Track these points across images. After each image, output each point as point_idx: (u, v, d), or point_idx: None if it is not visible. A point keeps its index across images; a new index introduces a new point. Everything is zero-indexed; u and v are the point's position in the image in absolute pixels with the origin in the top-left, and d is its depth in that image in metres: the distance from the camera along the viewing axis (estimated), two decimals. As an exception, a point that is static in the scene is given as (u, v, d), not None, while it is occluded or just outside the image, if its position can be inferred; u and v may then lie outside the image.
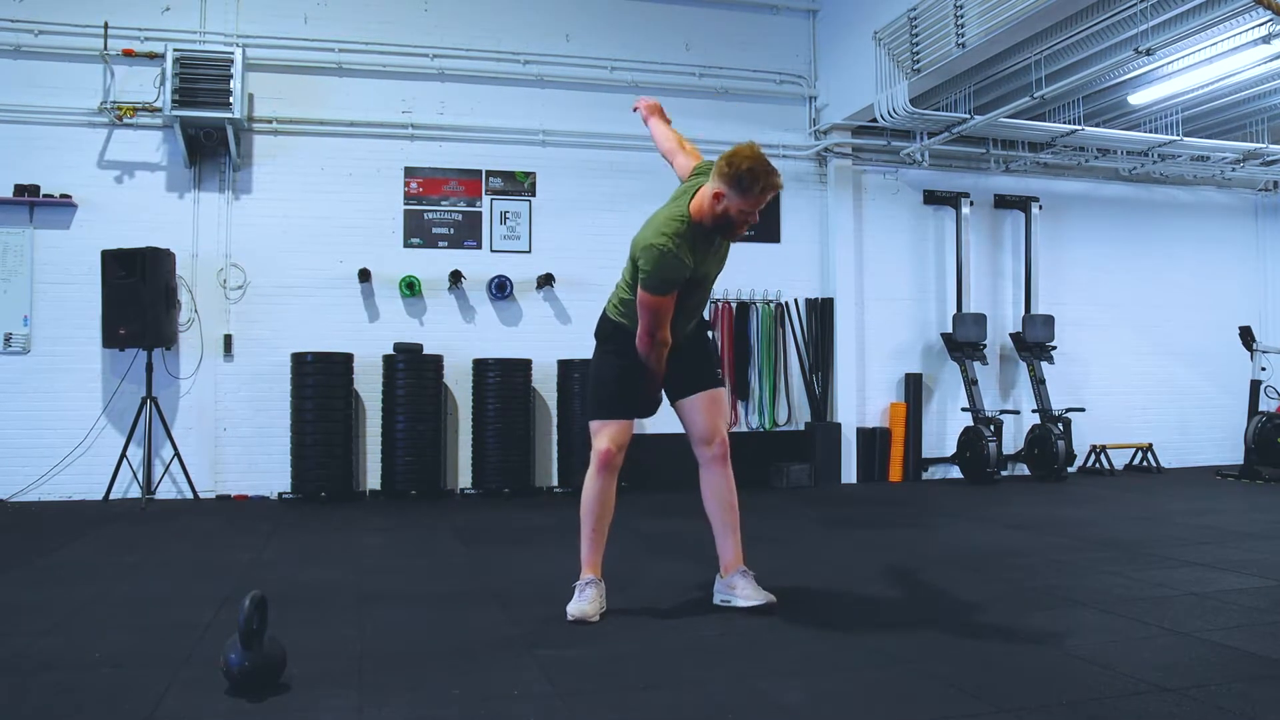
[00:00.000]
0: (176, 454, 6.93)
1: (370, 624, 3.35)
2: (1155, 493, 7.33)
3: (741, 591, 3.46)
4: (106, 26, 7.00)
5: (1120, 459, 8.95)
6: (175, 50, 6.81)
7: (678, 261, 3.19)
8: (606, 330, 3.57)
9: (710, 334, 3.82)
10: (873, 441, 8.31)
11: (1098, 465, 8.76)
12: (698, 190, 3.29)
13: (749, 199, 3.13)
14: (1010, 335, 8.82)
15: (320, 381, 6.94)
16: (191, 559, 4.72)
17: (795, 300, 8.39)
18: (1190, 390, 9.42)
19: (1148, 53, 6.27)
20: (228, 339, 7.22)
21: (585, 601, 3.35)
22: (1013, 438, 8.67)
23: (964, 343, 8.36)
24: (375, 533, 5.60)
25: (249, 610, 2.52)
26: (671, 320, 3.35)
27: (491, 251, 7.75)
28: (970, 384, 8.26)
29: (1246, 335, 8.43)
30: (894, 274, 8.66)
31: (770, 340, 8.29)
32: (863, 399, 8.45)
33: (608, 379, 3.51)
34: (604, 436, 3.45)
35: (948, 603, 3.68)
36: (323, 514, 6.37)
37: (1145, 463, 8.92)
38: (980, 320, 8.45)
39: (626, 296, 3.45)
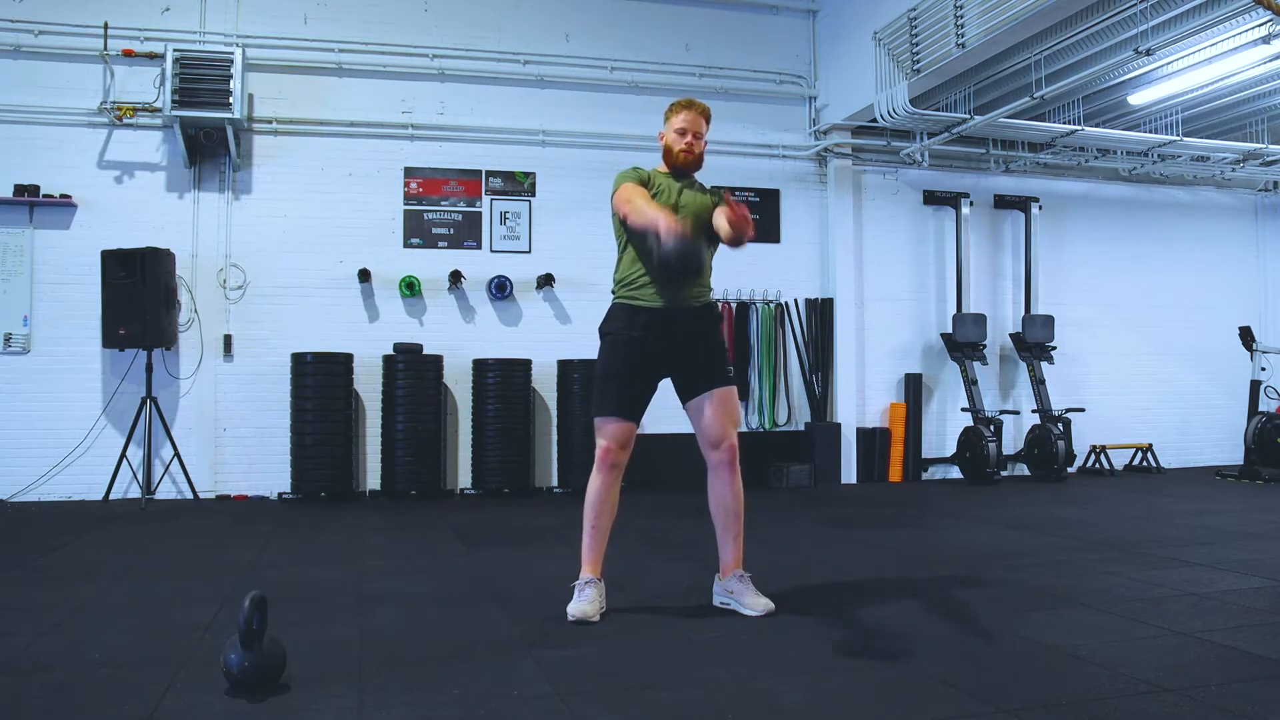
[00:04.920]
0: (176, 454, 6.93)
1: (370, 624, 3.35)
2: (1155, 493, 7.33)
3: (741, 598, 3.46)
4: (106, 26, 7.00)
5: (1120, 459, 8.95)
6: (175, 50, 6.81)
7: (631, 170, 3.55)
8: (608, 321, 3.55)
9: (719, 326, 3.79)
10: (873, 441, 8.31)
11: (1098, 465, 8.76)
12: None
13: (674, 118, 3.58)
14: (1010, 335, 8.82)
15: (320, 381, 6.93)
16: (191, 559, 4.72)
17: (795, 300, 8.39)
18: (1190, 390, 9.42)
19: (1148, 53, 6.28)
20: (228, 339, 7.22)
21: (585, 601, 3.35)
22: (1013, 438, 8.67)
23: (964, 343, 8.36)
24: (375, 533, 5.60)
25: (249, 610, 2.52)
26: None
27: (491, 252, 7.75)
28: (970, 384, 8.27)
29: (1246, 335, 8.43)
30: (894, 274, 8.66)
31: (770, 340, 8.30)
32: (863, 399, 8.45)
33: (608, 374, 3.48)
34: (604, 434, 3.44)
35: (948, 602, 3.68)
36: (323, 514, 6.37)
37: (1145, 463, 8.93)
38: (980, 320, 8.45)
39: (620, 269, 3.58)
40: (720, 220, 3.40)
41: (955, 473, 8.50)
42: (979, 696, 2.54)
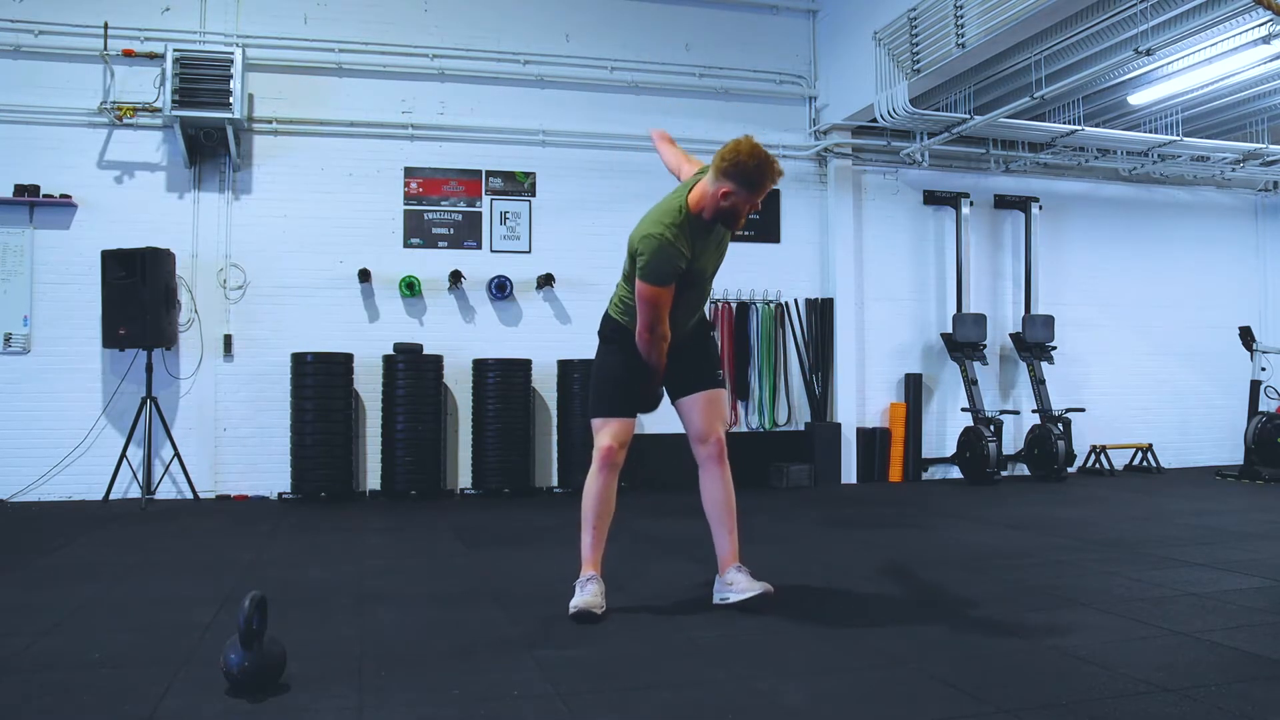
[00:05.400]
0: (176, 454, 6.92)
1: (370, 624, 3.35)
2: (1155, 493, 7.33)
3: (737, 585, 3.47)
4: (106, 26, 7.00)
5: (1120, 459, 8.95)
6: (175, 50, 6.81)
7: (675, 250, 3.24)
8: (609, 329, 3.59)
9: (711, 334, 3.83)
10: (873, 441, 8.31)
11: (1098, 465, 8.76)
12: (695, 185, 3.35)
13: (757, 193, 3.26)
14: (1010, 335, 8.82)
15: (320, 381, 6.93)
16: (191, 559, 4.72)
17: (795, 300, 8.39)
18: (1190, 390, 9.42)
19: (1148, 53, 6.28)
20: (228, 339, 7.22)
21: (588, 594, 3.36)
22: (1013, 438, 8.67)
23: (964, 343, 8.36)
24: (375, 533, 5.60)
25: (249, 610, 2.52)
26: (671, 315, 3.37)
27: (491, 252, 7.75)
28: (970, 384, 8.26)
29: (1246, 335, 8.43)
30: (894, 274, 8.66)
31: (770, 340, 8.29)
32: (863, 399, 8.45)
33: (609, 376, 3.52)
34: (605, 434, 3.46)
35: (948, 603, 3.68)
36: (323, 514, 6.37)
37: (1145, 463, 8.92)
38: (980, 320, 8.45)
39: (626, 295, 3.48)
40: None
41: (955, 473, 8.50)
42: (979, 696, 2.54)
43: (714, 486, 3.54)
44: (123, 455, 6.76)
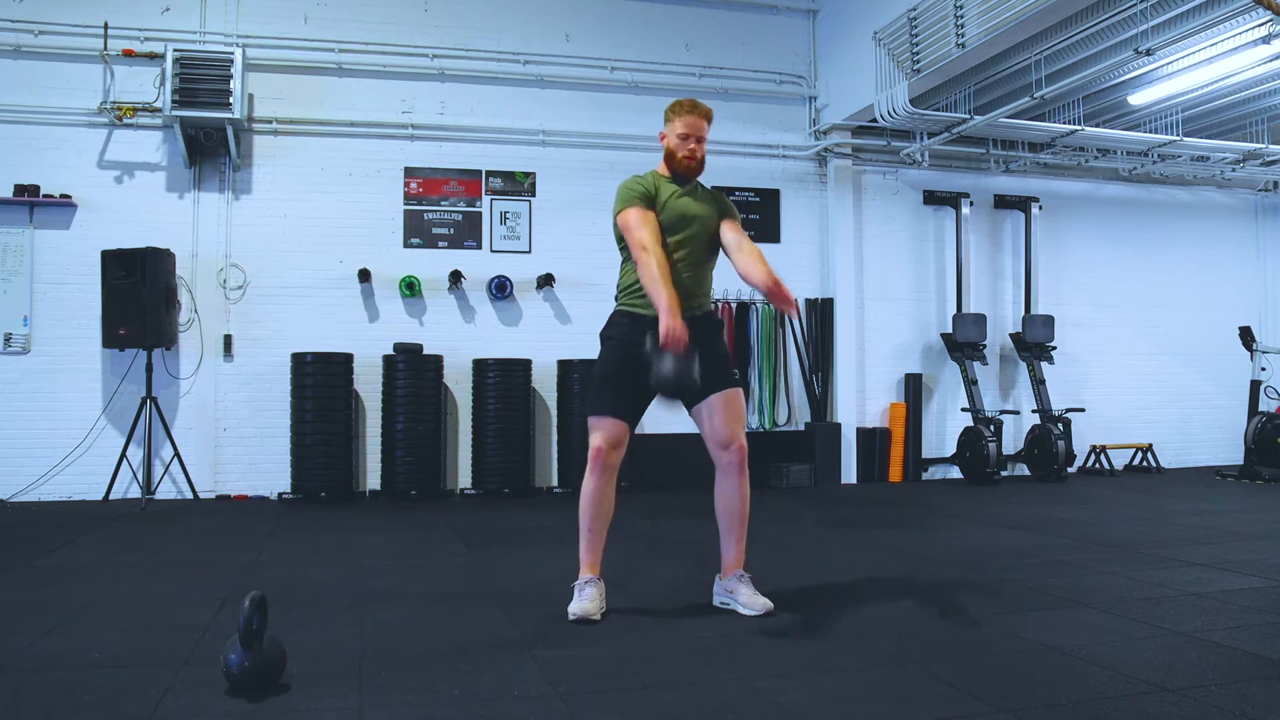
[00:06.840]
0: (176, 454, 6.93)
1: (370, 624, 3.35)
2: (1155, 493, 7.33)
3: (740, 597, 3.46)
4: (106, 26, 7.00)
5: (1120, 459, 8.95)
6: (175, 50, 6.81)
7: (634, 182, 3.54)
8: (609, 324, 3.57)
9: (721, 333, 3.80)
10: (873, 442, 8.31)
11: (1098, 465, 8.76)
12: None
13: (676, 121, 3.55)
14: (1010, 335, 8.82)
15: (320, 381, 6.93)
16: (191, 559, 4.72)
17: (795, 300, 8.38)
18: (1190, 390, 9.42)
19: (1148, 53, 6.28)
20: (228, 339, 7.22)
21: (586, 600, 3.36)
22: (1013, 438, 8.67)
23: (964, 343, 8.36)
24: (375, 533, 5.60)
25: (249, 610, 2.52)
26: (670, 266, 3.41)
27: (491, 252, 7.75)
28: (970, 384, 8.27)
29: (1246, 335, 8.43)
30: (894, 274, 8.66)
31: (770, 340, 8.30)
32: (863, 399, 8.45)
33: (604, 374, 3.50)
34: (597, 434, 3.45)
35: (948, 603, 3.68)
36: (323, 514, 6.37)
37: (1145, 463, 8.93)
38: (980, 320, 8.45)
39: (623, 277, 3.57)
40: (759, 278, 3.60)
41: (955, 473, 8.50)
42: (979, 696, 2.54)
43: (730, 495, 3.49)
44: (123, 455, 6.76)
